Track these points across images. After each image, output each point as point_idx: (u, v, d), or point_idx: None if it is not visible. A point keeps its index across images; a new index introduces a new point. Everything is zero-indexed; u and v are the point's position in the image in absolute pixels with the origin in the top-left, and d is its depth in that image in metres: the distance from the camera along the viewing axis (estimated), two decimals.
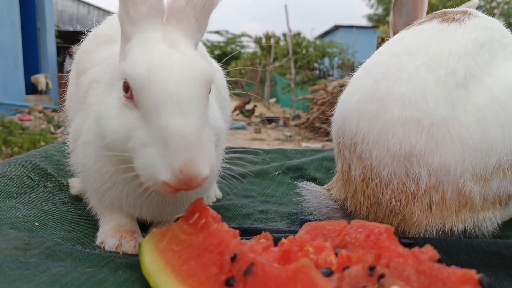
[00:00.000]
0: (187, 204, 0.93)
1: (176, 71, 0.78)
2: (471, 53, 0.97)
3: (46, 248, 0.86)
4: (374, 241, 0.76)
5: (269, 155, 1.93)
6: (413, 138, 0.90)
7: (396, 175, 0.92)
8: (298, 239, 0.83)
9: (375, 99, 0.96)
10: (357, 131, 0.98)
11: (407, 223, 0.95)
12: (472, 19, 1.06)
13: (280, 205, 1.42)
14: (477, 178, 0.90)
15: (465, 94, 0.93)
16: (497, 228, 1.01)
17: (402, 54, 1.00)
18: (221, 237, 0.75)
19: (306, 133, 10.27)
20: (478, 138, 0.90)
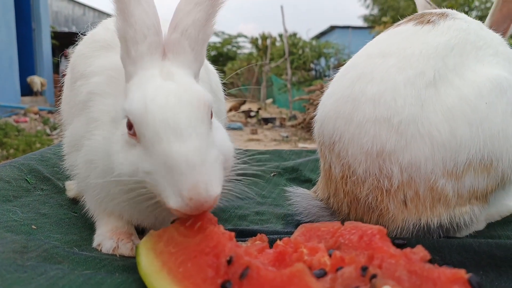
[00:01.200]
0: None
1: (170, 98, 0.79)
2: (441, 54, 1.00)
3: (43, 251, 0.86)
4: (367, 242, 0.77)
5: (264, 156, 1.94)
6: (384, 136, 0.95)
7: (370, 172, 0.97)
8: (292, 241, 0.84)
9: (350, 100, 1.01)
10: (335, 131, 1.03)
11: (384, 219, 0.99)
12: (447, 21, 1.08)
13: (276, 206, 1.43)
14: (448, 174, 0.94)
15: (434, 94, 0.96)
16: (477, 223, 1.03)
17: (376, 56, 1.05)
18: (217, 239, 0.76)
19: (303, 133, 10.29)
20: (446, 136, 0.93)
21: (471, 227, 1.02)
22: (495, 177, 0.97)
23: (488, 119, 0.95)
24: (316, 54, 17.99)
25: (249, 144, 8.50)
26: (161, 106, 0.78)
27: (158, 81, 0.83)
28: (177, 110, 0.78)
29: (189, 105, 0.80)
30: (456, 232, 1.02)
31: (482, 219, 1.13)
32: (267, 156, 1.93)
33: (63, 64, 12.00)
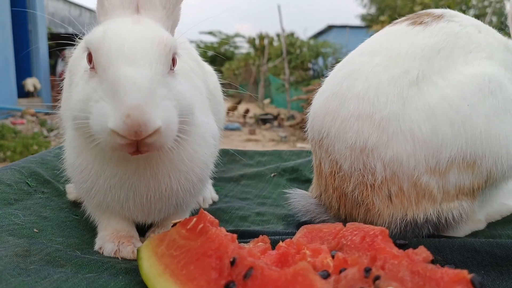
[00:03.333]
0: (173, 201, 0.96)
1: (131, 32, 0.81)
2: (426, 56, 1.02)
3: (46, 255, 0.86)
4: (369, 243, 0.78)
5: (264, 157, 1.95)
6: (366, 132, 0.98)
7: (355, 168, 1.00)
8: (295, 242, 0.84)
9: (338, 96, 1.04)
10: (323, 127, 1.06)
11: (371, 213, 1.01)
12: (440, 23, 1.09)
13: (277, 207, 1.43)
14: (431, 171, 0.96)
15: (417, 93, 0.98)
16: (472, 220, 1.05)
17: (366, 54, 1.09)
18: (219, 241, 0.76)
19: (301, 133, 10.29)
20: (428, 133, 0.95)
21: (463, 223, 1.03)
22: (480, 175, 0.98)
23: (470, 120, 0.96)
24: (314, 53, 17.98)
25: (248, 144, 8.49)
26: (119, 36, 0.80)
27: (126, 22, 0.85)
28: (135, 41, 0.79)
29: (149, 41, 0.81)
30: (447, 228, 1.03)
31: (482, 218, 1.14)
32: (267, 157, 1.93)
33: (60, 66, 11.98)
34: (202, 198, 1.42)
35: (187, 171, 0.95)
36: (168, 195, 0.95)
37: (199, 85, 1.12)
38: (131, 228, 1.04)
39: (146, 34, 0.82)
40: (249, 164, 1.88)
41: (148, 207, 0.96)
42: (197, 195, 1.06)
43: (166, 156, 0.90)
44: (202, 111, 1.05)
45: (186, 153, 0.93)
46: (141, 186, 0.92)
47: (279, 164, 1.83)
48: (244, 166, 1.85)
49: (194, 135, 0.95)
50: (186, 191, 0.97)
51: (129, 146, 0.75)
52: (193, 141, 0.95)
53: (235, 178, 1.70)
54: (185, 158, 0.93)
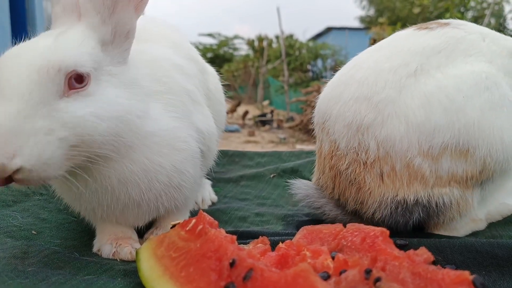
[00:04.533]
0: (149, 207, 0.94)
1: (13, 61, 0.77)
2: (426, 54, 1.08)
3: (44, 257, 0.86)
4: (370, 244, 0.77)
5: (264, 158, 1.94)
6: (363, 112, 1.04)
7: (351, 146, 1.05)
8: (295, 244, 0.84)
9: (342, 83, 1.12)
10: (326, 110, 1.13)
11: (362, 191, 1.06)
12: (444, 29, 1.15)
13: (276, 207, 1.43)
14: (424, 155, 1.00)
15: (413, 82, 1.04)
16: (464, 208, 1.04)
17: (372, 50, 1.19)
18: (219, 243, 0.75)
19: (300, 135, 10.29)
20: (422, 118, 1.00)
21: (455, 212, 1.04)
22: (474, 164, 1.00)
23: (464, 111, 1.00)
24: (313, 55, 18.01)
25: (247, 146, 8.49)
26: (4, 66, 0.76)
27: (34, 39, 0.82)
28: (11, 71, 0.75)
29: (29, 67, 0.75)
30: (437, 214, 1.04)
31: (482, 217, 1.14)
32: (266, 158, 1.93)
33: None
34: (201, 199, 1.41)
35: (147, 181, 0.90)
36: (137, 204, 0.92)
37: (183, 83, 1.06)
38: (128, 229, 1.03)
39: (31, 59, 0.76)
40: (249, 165, 1.88)
41: (124, 216, 0.95)
42: (179, 199, 1.01)
43: (107, 170, 0.85)
44: (180, 113, 1.00)
45: (138, 164, 0.88)
46: (102, 192, 0.89)
47: (279, 165, 1.83)
48: (243, 167, 1.85)
49: (145, 145, 0.89)
50: (157, 199, 0.94)
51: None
52: (146, 151, 0.89)
53: (234, 179, 1.69)
54: (137, 170, 0.88)
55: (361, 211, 1.08)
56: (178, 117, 0.99)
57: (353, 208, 1.10)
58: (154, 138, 0.91)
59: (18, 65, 0.75)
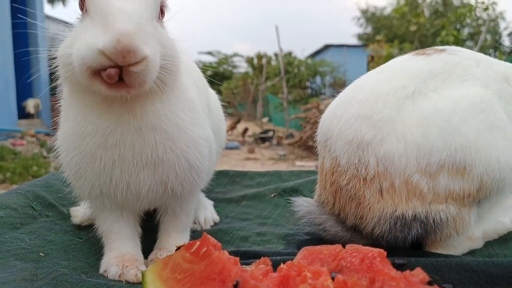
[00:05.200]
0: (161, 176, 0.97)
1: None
2: (424, 77, 1.15)
3: (53, 279, 0.88)
4: (368, 265, 0.80)
5: (264, 178, 1.97)
6: (364, 130, 1.09)
7: (351, 162, 1.10)
8: (296, 264, 0.86)
9: (344, 103, 1.19)
10: (329, 128, 1.18)
11: (362, 206, 1.09)
12: (440, 55, 1.21)
13: (277, 226, 1.45)
14: (422, 172, 1.04)
15: (411, 103, 1.10)
16: (460, 225, 1.07)
17: (375, 72, 1.26)
18: (222, 264, 0.78)
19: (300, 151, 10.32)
20: (419, 137, 1.05)
21: (452, 229, 1.07)
22: (471, 182, 1.04)
23: (460, 131, 1.05)
24: (312, 72, 18.20)
25: (247, 163, 8.51)
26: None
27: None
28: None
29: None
30: (435, 231, 1.07)
31: (479, 236, 1.17)
32: (267, 178, 1.96)
33: None
34: (204, 219, 1.44)
35: (172, 137, 0.95)
36: (154, 163, 0.95)
37: (194, 97, 1.12)
38: (135, 251, 1.06)
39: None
40: (249, 185, 1.91)
41: (136, 181, 0.96)
42: (186, 187, 1.04)
43: (149, 106, 0.91)
44: (198, 117, 1.07)
45: (170, 113, 0.95)
46: (125, 143, 0.91)
47: (279, 184, 1.86)
48: (244, 187, 1.88)
49: (177, 98, 0.97)
50: (171, 166, 0.97)
51: (112, 75, 0.77)
52: (176, 103, 0.96)
53: (235, 199, 1.72)
54: (170, 118, 0.94)
55: (361, 226, 1.11)
56: (202, 124, 1.08)
57: (353, 223, 1.13)
58: (183, 94, 1.00)
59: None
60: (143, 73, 0.79)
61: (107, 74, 0.77)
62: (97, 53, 0.75)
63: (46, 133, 10.15)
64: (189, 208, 1.17)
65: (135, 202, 1.02)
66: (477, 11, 10.00)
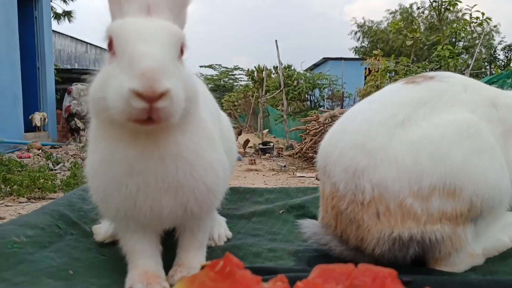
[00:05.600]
0: (181, 199, 1.04)
1: (146, 22, 0.95)
2: (413, 105, 1.22)
3: None
4: (379, 284, 0.86)
5: (273, 194, 2.05)
6: (359, 158, 1.15)
7: (349, 188, 1.16)
8: (311, 282, 0.93)
9: (340, 131, 1.27)
10: (327, 155, 1.25)
11: (361, 229, 1.16)
12: (429, 83, 1.29)
13: (287, 242, 1.51)
14: (414, 195, 1.10)
15: (401, 131, 1.17)
16: (450, 242, 1.13)
17: (367, 101, 1.34)
18: (246, 284, 0.84)
19: (300, 162, 10.38)
20: (410, 163, 1.11)
21: (450, 247, 1.14)
22: (462, 202, 1.11)
23: (449, 156, 1.11)
24: (311, 85, 18.36)
25: (249, 174, 8.57)
26: (136, 23, 0.94)
27: (140, 17, 0.97)
28: (149, 27, 0.93)
29: (160, 29, 0.94)
30: (432, 249, 1.14)
31: (479, 252, 1.23)
32: (275, 195, 2.03)
33: (66, 100, 12.19)
34: (217, 235, 1.50)
35: (191, 164, 1.03)
36: (175, 188, 1.03)
37: (211, 126, 1.19)
38: (157, 268, 1.13)
39: (158, 23, 0.95)
40: (259, 201, 1.98)
41: (158, 205, 1.03)
42: (205, 207, 1.11)
43: (171, 137, 0.99)
44: (215, 143, 1.15)
45: (190, 142, 1.03)
46: (149, 171, 0.99)
47: (287, 201, 1.92)
48: (254, 204, 1.95)
49: (196, 128, 1.05)
50: (191, 190, 1.05)
51: (143, 112, 0.85)
52: (195, 133, 1.05)
53: (246, 215, 1.79)
54: (189, 147, 1.03)
55: (362, 247, 1.18)
56: (215, 147, 1.14)
57: (354, 244, 1.20)
58: (201, 124, 1.08)
59: (154, 26, 0.95)
60: (168, 108, 0.87)
61: (139, 116, 0.87)
62: (127, 95, 0.84)
63: (52, 146, 10.22)
64: (205, 226, 1.24)
65: (156, 223, 1.09)
66: (472, 26, 10.16)
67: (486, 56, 18.08)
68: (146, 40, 0.90)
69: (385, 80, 10.55)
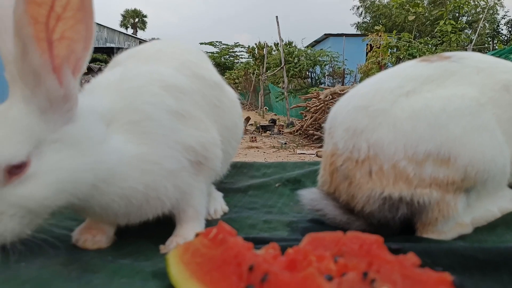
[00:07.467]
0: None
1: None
2: (420, 81, 1.25)
3: (84, 262, 0.98)
4: (366, 250, 0.89)
5: (270, 169, 2.07)
6: (360, 119, 1.21)
7: (347, 147, 1.22)
8: (302, 249, 0.96)
9: (350, 96, 1.34)
10: (334, 118, 1.32)
11: (353, 185, 1.22)
12: (443, 62, 1.31)
13: (282, 214, 1.54)
14: (409, 159, 1.14)
15: (405, 99, 1.21)
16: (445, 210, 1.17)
17: (380, 74, 1.40)
18: (237, 250, 0.87)
19: (300, 140, 10.42)
20: (408, 129, 1.15)
21: (437, 213, 1.17)
22: (455, 171, 1.13)
23: (447, 128, 1.14)
24: (312, 62, 18.18)
25: (249, 151, 8.62)
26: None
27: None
28: None
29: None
30: (420, 213, 1.17)
31: (468, 222, 1.26)
32: (272, 169, 2.06)
33: None
34: (214, 210, 1.53)
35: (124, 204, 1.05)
36: (126, 214, 1.08)
37: (171, 104, 1.15)
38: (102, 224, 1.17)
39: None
40: (256, 176, 2.00)
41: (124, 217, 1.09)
42: (169, 205, 1.16)
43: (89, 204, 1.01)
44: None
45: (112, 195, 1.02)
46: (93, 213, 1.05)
47: (283, 175, 1.95)
48: (250, 178, 1.97)
49: (114, 177, 1.00)
50: (142, 210, 1.10)
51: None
52: (116, 182, 1.01)
53: (242, 189, 1.81)
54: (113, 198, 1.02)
55: (352, 204, 1.23)
56: (150, 141, 1.08)
57: (345, 201, 1.25)
58: (120, 168, 1.01)
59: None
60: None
61: None
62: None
63: None
64: (196, 202, 1.27)
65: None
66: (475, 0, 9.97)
67: (490, 31, 17.79)
68: None
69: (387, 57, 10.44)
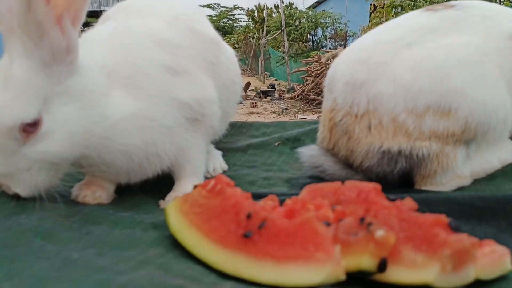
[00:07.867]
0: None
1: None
2: (423, 30, 1.22)
3: (84, 214, 1.00)
4: (364, 197, 0.90)
5: (269, 128, 2.06)
6: (360, 72, 1.19)
7: (347, 101, 1.21)
8: (300, 199, 0.97)
9: (349, 50, 1.32)
10: (334, 73, 1.30)
11: (351, 140, 1.22)
12: (447, 11, 1.26)
13: (281, 172, 1.55)
14: (409, 112, 1.13)
15: (406, 51, 1.18)
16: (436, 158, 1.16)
17: (381, 26, 1.37)
18: (235, 199, 0.88)
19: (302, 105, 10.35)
20: (408, 81, 1.13)
21: (436, 165, 1.17)
22: (455, 123, 1.13)
23: (448, 79, 1.12)
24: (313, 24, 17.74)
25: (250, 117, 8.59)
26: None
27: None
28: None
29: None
30: (419, 165, 1.17)
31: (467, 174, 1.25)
32: (271, 128, 2.05)
33: None
34: (213, 168, 1.54)
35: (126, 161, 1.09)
36: (126, 172, 1.12)
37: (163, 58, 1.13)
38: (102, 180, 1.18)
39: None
40: (255, 135, 2.00)
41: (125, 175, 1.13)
42: (168, 162, 1.18)
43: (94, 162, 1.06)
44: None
45: (115, 152, 1.05)
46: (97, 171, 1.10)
47: (283, 133, 1.94)
48: (250, 137, 1.97)
49: (115, 134, 1.03)
50: (142, 167, 1.12)
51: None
52: (117, 139, 1.04)
53: (242, 148, 1.81)
54: (115, 156, 1.06)
55: (351, 159, 1.23)
56: (146, 97, 1.07)
57: (344, 156, 1.25)
58: (121, 124, 1.02)
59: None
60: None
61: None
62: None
63: None
64: (194, 158, 1.27)
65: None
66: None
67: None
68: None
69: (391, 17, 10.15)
